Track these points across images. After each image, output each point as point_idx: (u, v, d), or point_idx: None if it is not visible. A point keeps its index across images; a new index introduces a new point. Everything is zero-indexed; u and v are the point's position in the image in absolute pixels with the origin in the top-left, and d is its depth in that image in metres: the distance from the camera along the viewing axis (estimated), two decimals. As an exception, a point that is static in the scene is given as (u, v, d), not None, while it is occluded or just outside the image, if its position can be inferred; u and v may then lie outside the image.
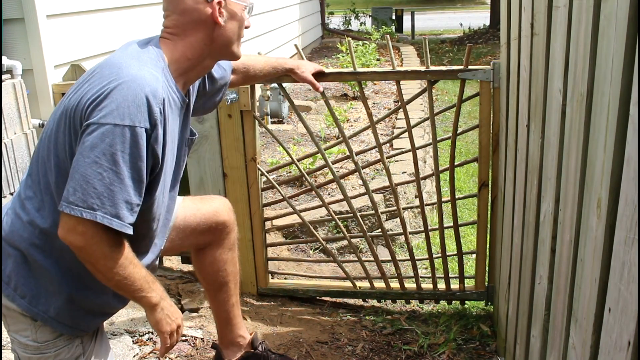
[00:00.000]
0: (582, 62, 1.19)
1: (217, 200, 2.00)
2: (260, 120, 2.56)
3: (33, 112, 2.92)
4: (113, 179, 1.35)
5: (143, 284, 1.48)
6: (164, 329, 1.53)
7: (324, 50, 10.80)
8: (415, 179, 2.54)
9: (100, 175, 1.34)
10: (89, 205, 1.34)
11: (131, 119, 1.35)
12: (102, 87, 1.39)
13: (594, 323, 1.11)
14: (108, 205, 1.35)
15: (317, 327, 2.53)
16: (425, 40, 2.45)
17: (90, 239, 1.37)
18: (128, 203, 1.38)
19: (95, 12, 3.45)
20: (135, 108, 1.36)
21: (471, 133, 3.94)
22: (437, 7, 26.85)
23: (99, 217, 1.35)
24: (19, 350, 1.54)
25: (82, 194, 1.34)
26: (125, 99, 1.36)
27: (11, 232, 1.49)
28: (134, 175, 1.38)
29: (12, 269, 1.48)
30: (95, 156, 1.34)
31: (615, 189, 1.00)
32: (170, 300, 1.58)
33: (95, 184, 1.34)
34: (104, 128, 1.34)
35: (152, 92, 1.40)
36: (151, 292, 1.49)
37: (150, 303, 1.50)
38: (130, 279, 1.44)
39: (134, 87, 1.38)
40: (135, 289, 1.47)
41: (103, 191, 1.34)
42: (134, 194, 1.39)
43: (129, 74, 1.40)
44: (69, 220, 1.37)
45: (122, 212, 1.37)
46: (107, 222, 1.35)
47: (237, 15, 1.57)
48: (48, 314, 1.49)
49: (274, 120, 5.65)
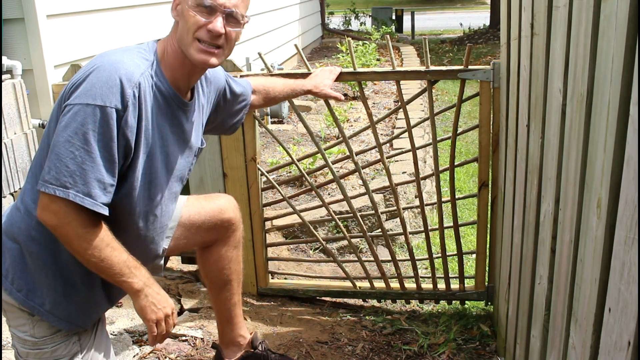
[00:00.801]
0: (582, 62, 1.19)
1: (223, 198, 2.00)
2: (260, 120, 2.56)
3: (33, 112, 2.92)
4: (85, 158, 1.38)
5: (123, 269, 1.47)
6: (149, 316, 1.52)
7: (324, 50, 10.80)
8: (415, 179, 2.54)
9: (73, 154, 1.37)
10: (61, 183, 1.37)
11: (102, 99, 1.39)
12: (83, 72, 1.45)
13: (594, 323, 1.11)
14: (80, 183, 1.38)
15: (317, 327, 2.53)
16: (425, 40, 2.45)
17: (64, 217, 1.39)
18: (100, 182, 1.40)
19: (95, 12, 3.45)
20: (108, 89, 1.39)
21: (471, 133, 3.93)
22: (437, 7, 26.85)
23: (71, 195, 1.37)
24: (18, 345, 1.57)
25: (56, 172, 1.37)
26: (99, 79, 1.40)
27: (10, 225, 1.53)
28: (105, 154, 1.40)
29: (10, 263, 1.51)
30: (68, 135, 1.38)
31: (615, 189, 1.00)
32: (159, 288, 1.56)
33: (67, 162, 1.37)
34: (77, 107, 1.38)
35: (127, 75, 1.42)
36: (132, 277, 1.49)
37: (132, 288, 1.50)
38: (107, 261, 1.44)
39: (109, 69, 1.42)
40: (115, 272, 1.46)
41: (75, 169, 1.37)
42: (107, 173, 1.41)
43: (108, 59, 1.45)
44: (43, 198, 1.40)
45: (95, 191, 1.39)
46: (80, 200, 1.38)
47: (184, 13, 1.53)
48: (44, 307, 1.51)
49: (274, 120, 5.65)
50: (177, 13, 1.56)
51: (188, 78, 1.61)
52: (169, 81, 1.56)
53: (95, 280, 1.57)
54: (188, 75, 1.60)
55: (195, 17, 1.50)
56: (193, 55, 1.53)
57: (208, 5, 1.50)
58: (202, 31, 1.51)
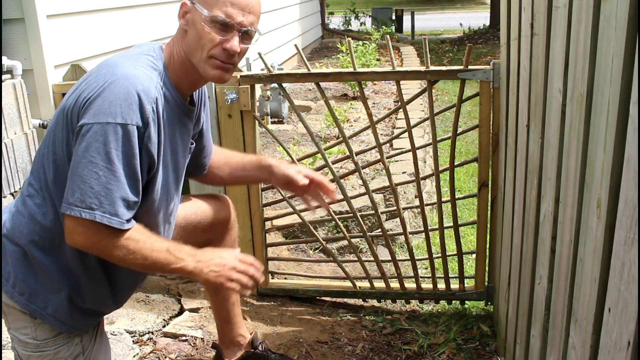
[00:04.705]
0: (582, 62, 1.19)
1: (218, 197, 2.00)
2: (260, 121, 2.56)
3: (33, 112, 2.92)
4: (109, 178, 1.36)
5: (168, 258, 1.46)
6: (218, 281, 1.49)
7: (324, 50, 10.80)
8: (415, 179, 2.54)
9: (97, 175, 1.35)
10: (87, 205, 1.35)
11: (123, 116, 1.36)
12: (96, 86, 1.40)
13: (594, 323, 1.11)
14: (106, 204, 1.36)
15: (317, 327, 2.53)
16: (425, 40, 2.45)
17: (93, 237, 1.38)
18: (125, 200, 1.39)
19: (96, 12, 3.45)
20: (127, 106, 1.36)
21: (471, 133, 3.93)
22: (437, 7, 26.84)
23: (97, 216, 1.36)
24: (18, 347, 1.56)
25: (81, 194, 1.35)
26: (117, 97, 1.36)
27: (12, 229, 1.51)
28: (129, 172, 1.39)
29: (12, 266, 1.50)
30: (91, 156, 1.35)
31: (615, 189, 1.00)
32: (209, 252, 1.52)
33: (92, 183, 1.35)
34: (96, 127, 1.35)
35: (144, 90, 1.40)
36: (180, 262, 1.47)
37: (186, 271, 1.49)
38: (150, 259, 1.44)
39: (125, 85, 1.38)
40: (163, 265, 1.46)
41: (100, 190, 1.36)
42: (131, 191, 1.40)
43: (122, 72, 1.41)
44: (70, 222, 1.39)
45: (120, 210, 1.38)
46: (107, 221, 1.37)
47: (196, 25, 1.47)
48: (46, 311, 1.50)
49: (274, 120, 5.65)
50: (187, 22, 1.50)
51: (193, 86, 1.60)
52: (176, 88, 1.54)
53: (100, 282, 1.56)
54: (193, 84, 1.59)
55: (210, 34, 1.45)
56: (208, 71, 1.50)
57: (225, 23, 1.45)
58: (218, 49, 1.47)
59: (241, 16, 1.47)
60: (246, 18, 1.48)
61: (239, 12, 1.46)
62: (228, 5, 1.45)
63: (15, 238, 1.50)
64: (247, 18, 1.48)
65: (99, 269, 1.53)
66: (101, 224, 1.37)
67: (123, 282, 1.62)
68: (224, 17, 1.45)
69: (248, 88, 2.47)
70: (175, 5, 1.60)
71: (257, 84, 2.58)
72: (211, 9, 1.45)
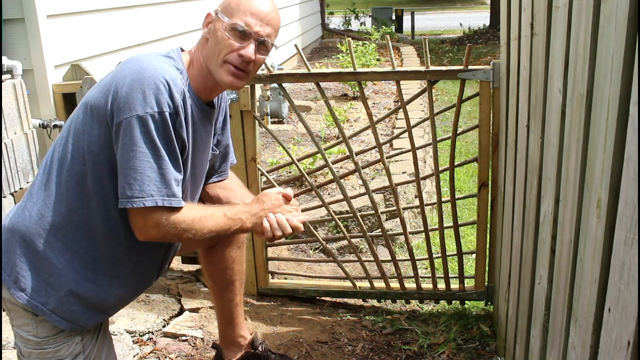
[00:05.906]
0: (582, 62, 1.19)
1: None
2: (260, 120, 2.56)
3: (33, 112, 2.92)
4: (160, 163, 1.45)
5: (228, 223, 1.58)
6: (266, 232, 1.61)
7: (324, 50, 10.81)
8: (415, 179, 2.54)
9: (150, 163, 1.44)
10: (148, 193, 1.44)
11: (158, 105, 1.43)
12: (125, 80, 1.46)
13: (594, 323, 1.11)
14: (163, 187, 1.45)
15: (317, 327, 2.53)
16: (425, 40, 2.45)
17: (165, 226, 1.48)
18: (176, 180, 1.49)
19: (96, 12, 3.45)
20: (160, 94, 1.44)
21: (471, 133, 3.93)
22: (437, 7, 26.85)
23: (159, 200, 1.45)
24: (20, 344, 1.58)
25: (139, 185, 1.43)
26: (149, 86, 1.43)
27: (17, 223, 1.53)
28: (173, 155, 1.48)
29: (14, 261, 1.52)
30: (140, 147, 1.43)
31: (615, 189, 1.00)
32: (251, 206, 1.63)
33: (147, 172, 1.44)
34: (135, 119, 1.42)
35: (172, 80, 1.47)
36: (239, 223, 1.60)
37: (245, 230, 1.63)
38: (215, 229, 1.56)
39: (155, 75, 1.45)
40: (225, 230, 1.58)
41: (155, 176, 1.44)
42: (177, 171, 1.50)
43: (149, 64, 1.48)
44: (136, 218, 1.48)
45: (175, 190, 1.48)
46: (167, 202, 1.46)
47: (217, 32, 1.55)
48: (47, 306, 1.51)
49: (274, 120, 5.65)
50: (209, 31, 1.58)
51: (209, 93, 1.65)
52: (195, 92, 1.60)
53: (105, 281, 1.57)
54: (210, 91, 1.64)
55: (228, 40, 1.53)
56: (221, 76, 1.56)
57: (243, 31, 1.53)
58: (234, 55, 1.54)
59: (259, 26, 1.55)
60: (264, 29, 1.55)
61: (257, 22, 1.54)
62: (248, 15, 1.53)
63: (19, 234, 1.52)
64: (264, 29, 1.55)
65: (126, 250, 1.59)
66: (162, 208, 1.46)
67: (145, 270, 1.68)
68: (243, 26, 1.53)
69: (248, 88, 2.48)
70: (175, 5, 1.61)
71: (257, 84, 2.59)
72: (232, 17, 1.54)
